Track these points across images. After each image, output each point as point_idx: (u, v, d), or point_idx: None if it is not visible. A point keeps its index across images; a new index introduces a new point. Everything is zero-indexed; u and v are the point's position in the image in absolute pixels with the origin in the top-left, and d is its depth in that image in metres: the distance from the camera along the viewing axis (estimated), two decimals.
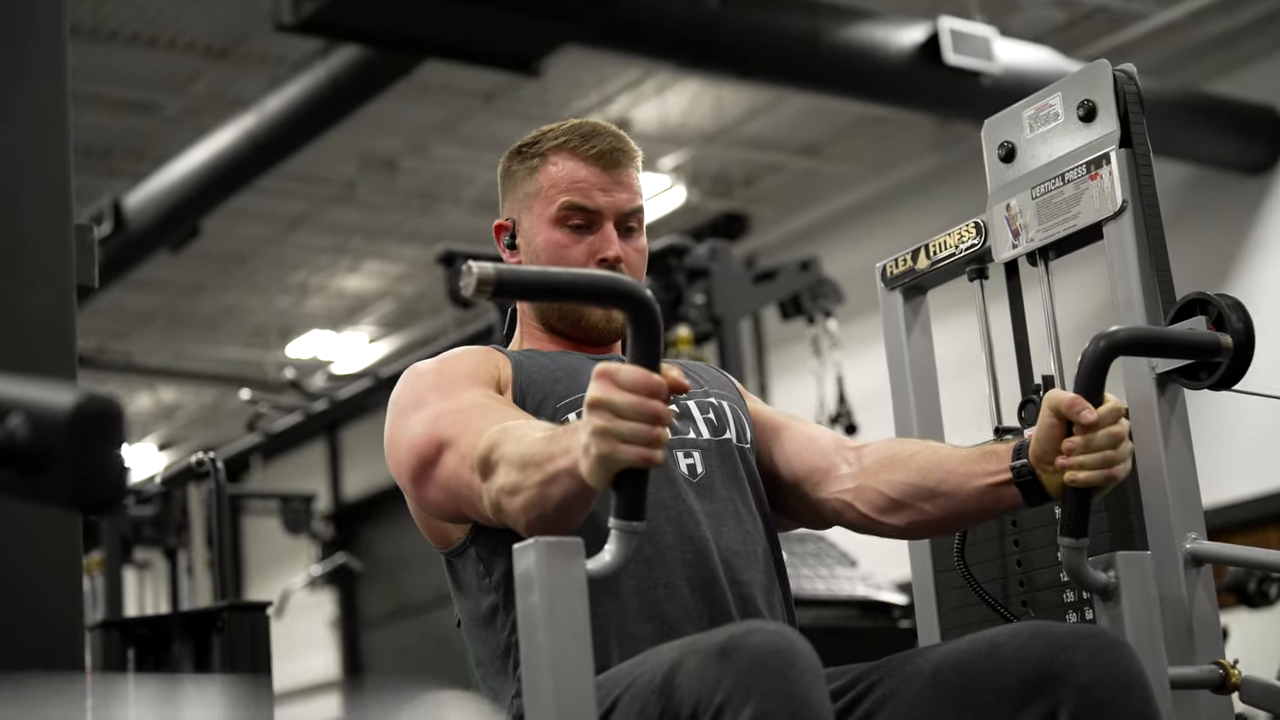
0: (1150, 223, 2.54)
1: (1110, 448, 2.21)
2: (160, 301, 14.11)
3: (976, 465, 2.38)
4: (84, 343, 13.46)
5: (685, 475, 2.43)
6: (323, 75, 8.85)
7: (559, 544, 1.89)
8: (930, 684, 2.18)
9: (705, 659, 1.92)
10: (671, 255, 6.78)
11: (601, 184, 2.55)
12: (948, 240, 2.83)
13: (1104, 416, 2.22)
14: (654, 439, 1.91)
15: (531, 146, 2.60)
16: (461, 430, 2.26)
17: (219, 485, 3.72)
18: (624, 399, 1.91)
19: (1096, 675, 2.07)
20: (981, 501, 2.38)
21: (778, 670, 1.87)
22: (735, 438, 2.53)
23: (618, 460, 1.91)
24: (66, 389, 1.32)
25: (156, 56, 10.05)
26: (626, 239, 2.57)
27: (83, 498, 1.31)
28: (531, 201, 2.57)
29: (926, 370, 2.91)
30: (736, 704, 1.86)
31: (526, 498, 2.09)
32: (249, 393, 9.24)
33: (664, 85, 10.90)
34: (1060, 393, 2.26)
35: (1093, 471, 2.21)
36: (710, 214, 12.87)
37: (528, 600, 1.88)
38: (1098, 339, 2.25)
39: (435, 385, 2.40)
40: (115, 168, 11.18)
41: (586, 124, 2.59)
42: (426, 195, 12.34)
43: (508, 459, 2.13)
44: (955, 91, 8.68)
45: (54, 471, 1.31)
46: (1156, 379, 2.51)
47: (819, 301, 7.28)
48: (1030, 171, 2.70)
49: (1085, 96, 2.63)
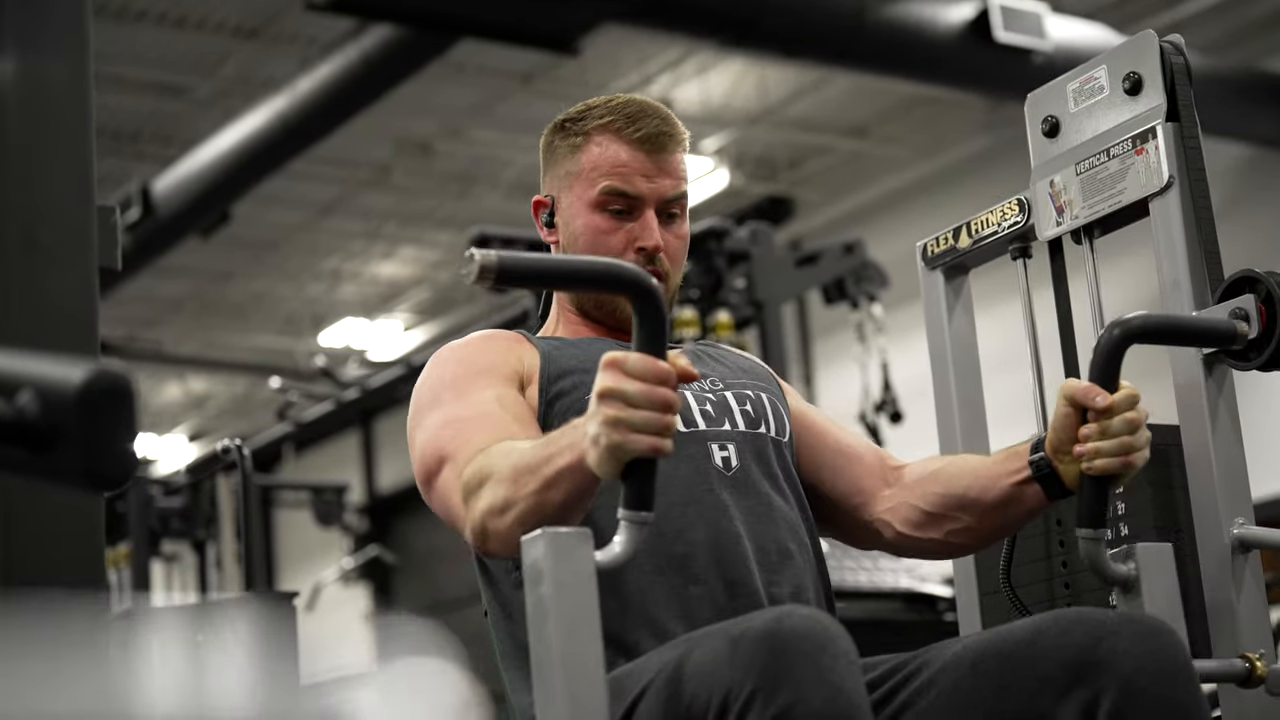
0: (1198, 199, 2.53)
1: (1127, 433, 2.22)
2: (190, 289, 14.16)
3: (1000, 467, 2.42)
4: (113, 331, 13.56)
5: (719, 468, 2.42)
6: (355, 56, 8.86)
7: (567, 534, 1.91)
8: (970, 672, 2.18)
9: (738, 645, 1.92)
10: (711, 238, 6.78)
11: (645, 169, 2.52)
12: (990, 218, 2.82)
13: (1119, 402, 2.23)
14: (665, 426, 1.94)
15: (576, 123, 2.58)
16: (461, 444, 2.29)
17: (245, 473, 3.74)
18: (635, 387, 1.94)
19: (1139, 663, 2.06)
20: (1008, 503, 2.41)
21: (811, 656, 1.87)
22: (774, 431, 2.52)
23: (629, 449, 1.94)
24: (76, 364, 1.33)
25: (185, 37, 10.09)
26: (668, 225, 2.55)
27: (92, 475, 1.32)
28: (572, 181, 2.56)
29: (968, 352, 2.90)
30: (769, 690, 1.86)
31: (521, 510, 2.12)
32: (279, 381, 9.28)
33: (706, 65, 10.88)
34: (1074, 381, 2.28)
35: (1110, 459, 2.22)
36: (754, 197, 12.86)
37: (536, 591, 1.90)
38: (1112, 326, 2.26)
39: (453, 381, 2.41)
40: (143, 151, 11.23)
41: (634, 103, 2.56)
42: (463, 179, 12.35)
43: (497, 475, 2.16)
44: (1006, 70, 8.65)
45: (63, 448, 1.31)
46: (1204, 359, 2.50)
47: (863, 285, 7.27)
48: (1074, 147, 2.69)
49: (1131, 69, 2.62)
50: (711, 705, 1.92)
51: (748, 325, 6.95)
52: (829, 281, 7.28)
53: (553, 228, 2.60)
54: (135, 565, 6.37)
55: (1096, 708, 2.06)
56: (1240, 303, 2.46)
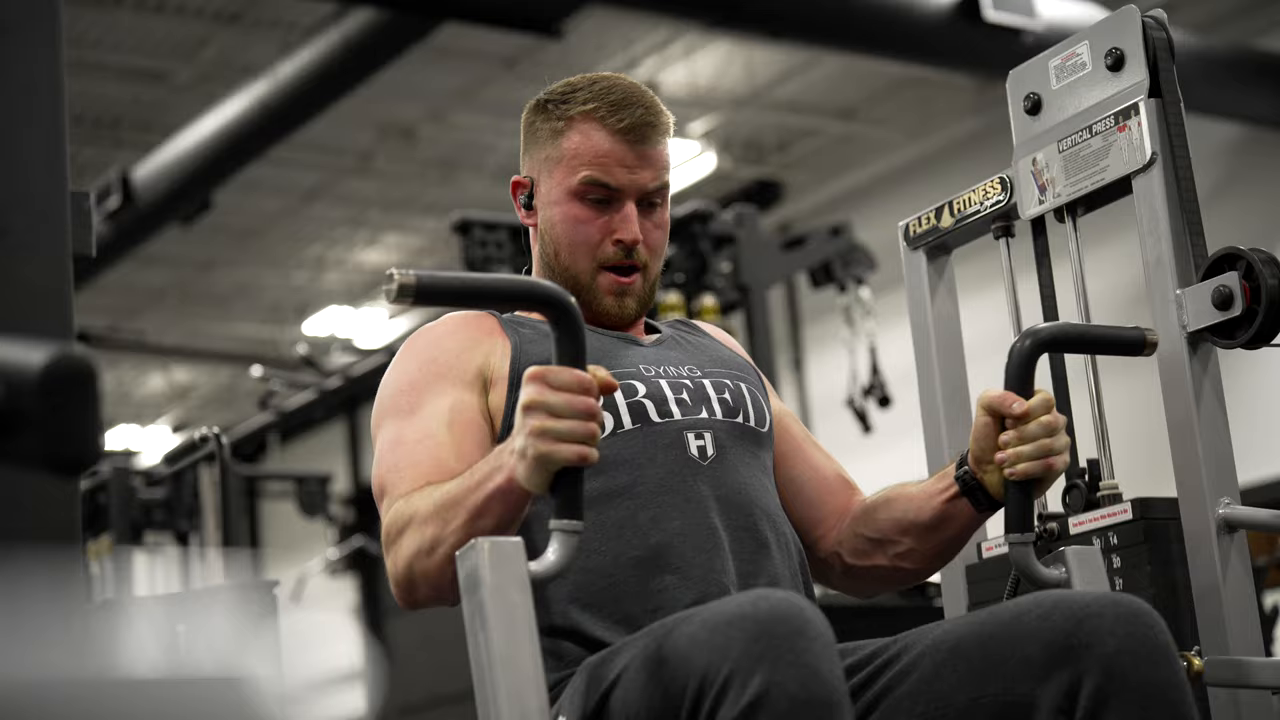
0: (1181, 176, 2.53)
1: (1045, 436, 2.29)
2: (172, 278, 14.15)
3: (932, 487, 2.47)
4: (94, 321, 13.54)
5: (695, 458, 2.41)
6: (337, 40, 8.85)
7: (502, 543, 1.99)
8: (951, 656, 2.19)
9: (713, 629, 1.92)
10: (696, 221, 6.77)
11: (626, 160, 2.51)
12: (972, 197, 2.82)
13: (1034, 407, 2.30)
14: (589, 434, 2.01)
15: (558, 105, 2.56)
16: (397, 480, 2.34)
17: (224, 462, 3.74)
18: (558, 398, 2.01)
19: (1121, 644, 2.06)
20: (942, 521, 2.46)
21: (786, 638, 1.87)
22: (753, 421, 2.52)
23: (556, 459, 2.01)
24: (38, 347, 1.32)
25: (164, 22, 10.07)
26: (648, 214, 2.55)
27: (55, 459, 1.32)
28: (552, 167, 2.55)
29: (952, 333, 2.91)
30: (744, 673, 1.86)
31: (451, 544, 2.15)
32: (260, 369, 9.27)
33: (692, 47, 10.88)
34: (990, 390, 2.34)
35: (1030, 462, 2.28)
36: (742, 181, 12.86)
37: (474, 598, 1.98)
38: (1023, 336, 2.32)
39: (411, 386, 2.45)
40: (123, 139, 11.22)
41: (618, 88, 2.55)
42: (446, 164, 12.35)
43: (419, 517, 2.23)
44: (995, 50, 8.63)
45: (26, 433, 1.31)
46: (1188, 337, 2.50)
47: (850, 269, 7.27)
48: (1057, 124, 2.70)
49: (1113, 45, 2.62)
50: (688, 689, 1.92)
51: (734, 309, 6.95)
52: (816, 265, 7.28)
53: (531, 210, 2.60)
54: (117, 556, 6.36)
55: (1079, 689, 2.06)
56: (1224, 280, 2.46)
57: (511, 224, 6.53)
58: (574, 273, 2.54)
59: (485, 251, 6.61)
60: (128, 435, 17.40)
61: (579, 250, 2.53)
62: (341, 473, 16.38)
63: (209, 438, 3.80)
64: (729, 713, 1.87)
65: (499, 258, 6.54)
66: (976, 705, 2.14)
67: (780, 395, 2.79)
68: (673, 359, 2.53)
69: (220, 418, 16.79)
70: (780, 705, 1.84)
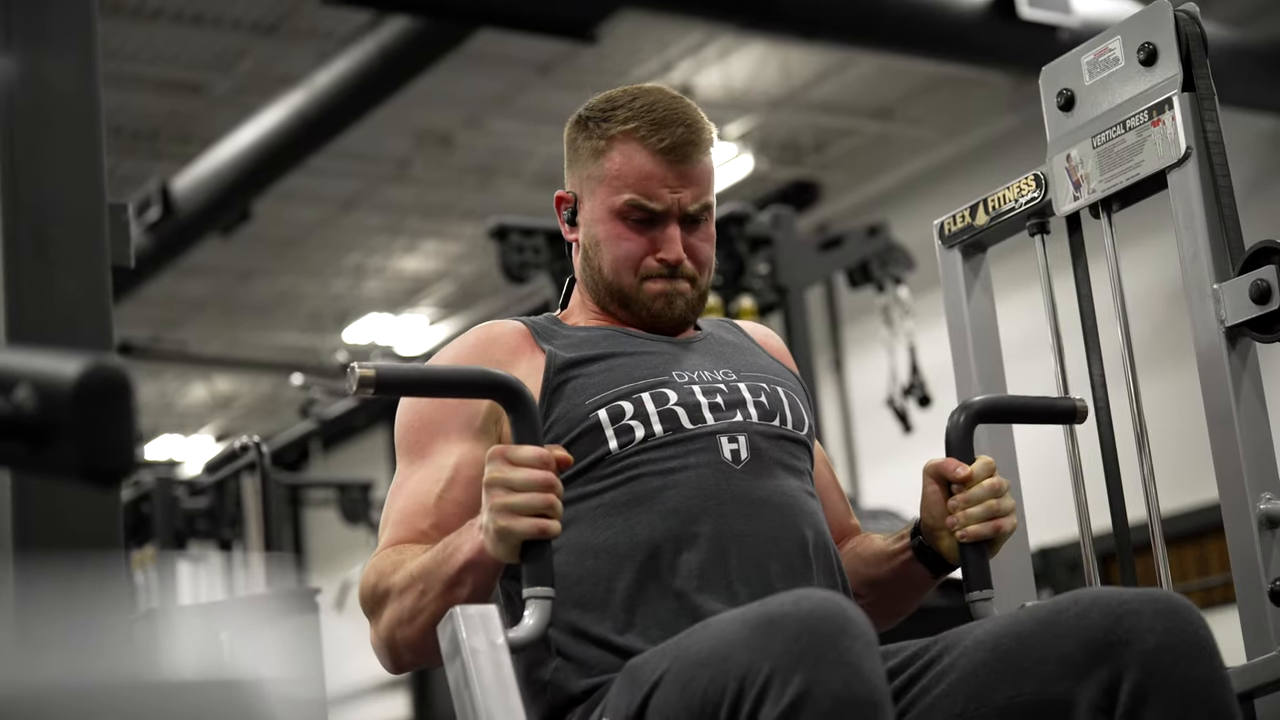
0: (1217, 170, 2.52)
1: (991, 497, 2.37)
2: (212, 288, 14.21)
3: (889, 547, 2.51)
4: (137, 332, 13.61)
5: (729, 462, 2.39)
6: (372, 49, 8.88)
7: (475, 613, 2.07)
8: (990, 655, 2.18)
9: (754, 628, 1.92)
10: (733, 224, 6.77)
11: (668, 180, 2.49)
12: (1007, 194, 2.81)
13: (977, 471, 2.39)
14: (546, 505, 2.09)
15: (599, 124, 2.53)
16: (382, 532, 2.40)
17: (264, 470, 3.75)
18: (517, 474, 2.09)
19: (1161, 640, 2.05)
20: (898, 582, 2.51)
21: (828, 637, 1.87)
22: (790, 425, 2.50)
23: (516, 532, 2.09)
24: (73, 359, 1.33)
25: (202, 35, 10.12)
26: (692, 230, 2.53)
27: (90, 470, 1.32)
28: (594, 186, 2.54)
29: (989, 331, 2.89)
30: (785, 673, 1.86)
31: (431, 613, 2.20)
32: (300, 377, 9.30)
33: (727, 49, 10.88)
34: (933, 459, 2.43)
35: (980, 524, 2.37)
36: (780, 182, 12.85)
37: (454, 664, 2.05)
38: (956, 412, 2.47)
39: (419, 427, 2.45)
40: (162, 150, 11.27)
41: (659, 105, 2.51)
42: (484, 171, 12.37)
43: (395, 588, 2.27)
44: (1031, 47, 8.58)
45: (60, 443, 1.32)
46: (1226, 332, 2.48)
47: (888, 268, 7.26)
48: (1090, 120, 2.68)
49: (1146, 39, 2.60)
50: (728, 690, 1.92)
51: (772, 311, 6.95)
52: (854, 265, 7.28)
53: (574, 226, 2.59)
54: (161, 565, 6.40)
55: (1118, 686, 2.05)
56: (1261, 274, 2.45)
57: (549, 229, 6.53)
58: (619, 285, 2.53)
59: (522, 257, 6.61)
60: (171, 445, 17.47)
61: (622, 267, 2.52)
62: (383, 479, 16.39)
63: (249, 446, 3.82)
64: (771, 712, 1.86)
65: (536, 263, 6.54)
66: (1014, 704, 2.14)
67: (820, 396, 2.79)
68: (708, 363, 2.51)
69: (263, 426, 16.85)
70: (823, 705, 1.84)
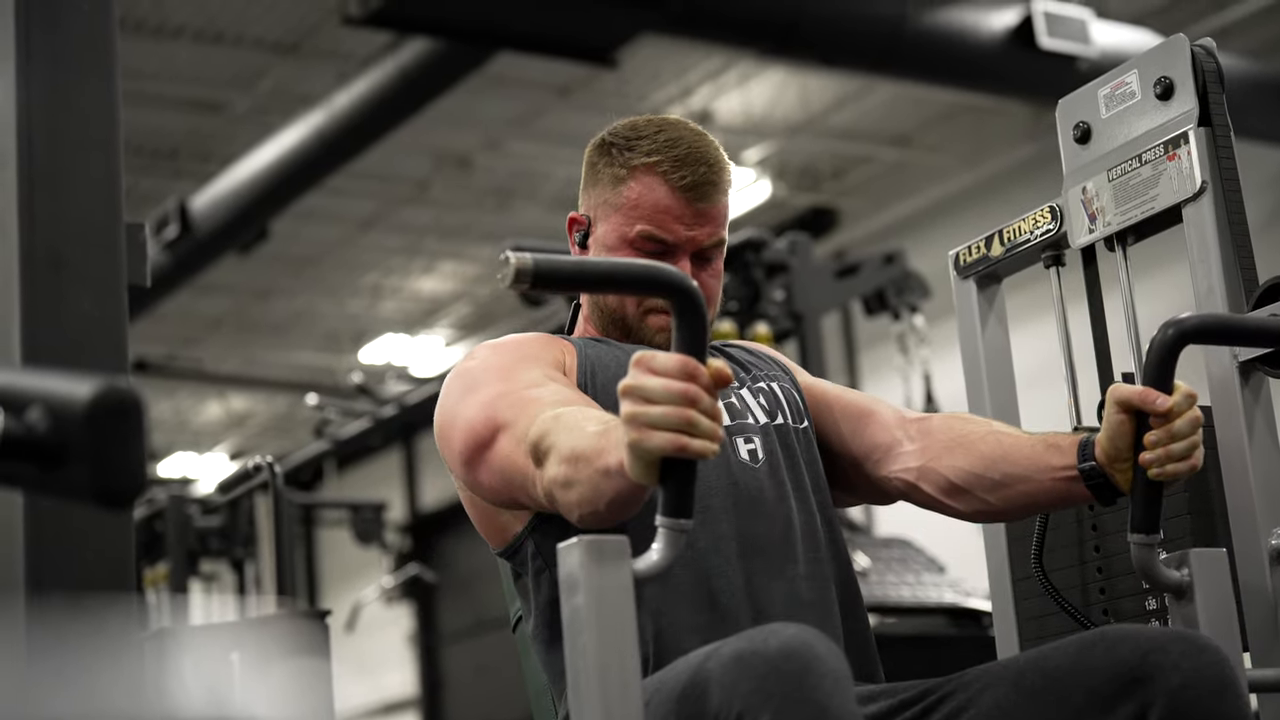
0: (1231, 204, 2.52)
1: (1194, 433, 2.22)
2: (229, 306, 14.24)
3: (1043, 459, 2.39)
4: (153, 350, 13.64)
5: (746, 461, 2.45)
6: (392, 70, 8.91)
7: (604, 543, 1.87)
8: (1013, 690, 2.17)
9: (726, 666, 1.92)
10: (749, 250, 6.77)
11: (684, 217, 2.51)
12: (1022, 226, 2.82)
13: (1179, 403, 2.21)
14: (685, 422, 1.87)
15: (622, 152, 2.55)
16: (518, 413, 2.25)
17: (277, 490, 3.76)
18: (654, 382, 1.88)
19: (1187, 678, 2.05)
20: (1050, 496, 2.40)
21: (795, 675, 1.86)
22: (791, 419, 2.55)
23: (648, 448, 1.88)
24: (85, 380, 1.34)
25: (222, 53, 10.15)
26: (702, 266, 2.55)
27: (101, 491, 1.33)
28: (610, 212, 2.55)
29: (1003, 362, 2.90)
30: (755, 711, 1.85)
31: (580, 493, 2.07)
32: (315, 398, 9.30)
33: (747, 75, 10.89)
34: (1126, 386, 2.25)
35: (1180, 462, 2.21)
36: (797, 209, 12.86)
37: (572, 602, 1.87)
38: (1166, 326, 2.22)
39: (494, 368, 2.39)
40: (182, 169, 11.30)
41: (683, 141, 2.53)
42: (502, 193, 12.39)
43: (558, 451, 2.11)
44: (1050, 77, 8.59)
45: (72, 464, 1.33)
46: (1239, 367, 2.49)
47: (904, 296, 7.26)
48: (1106, 153, 2.69)
49: (1162, 73, 2.61)
50: None
51: (787, 338, 6.94)
52: (869, 292, 7.27)
53: (585, 249, 2.60)
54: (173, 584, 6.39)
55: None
56: (1275, 309, 2.45)
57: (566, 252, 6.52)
58: (621, 314, 2.55)
59: None
60: (185, 463, 17.50)
61: (628, 297, 2.54)
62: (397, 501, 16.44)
63: (262, 466, 3.82)
64: None
65: None
66: None
67: None
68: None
69: (277, 445, 16.87)
70: None
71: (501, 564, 2.57)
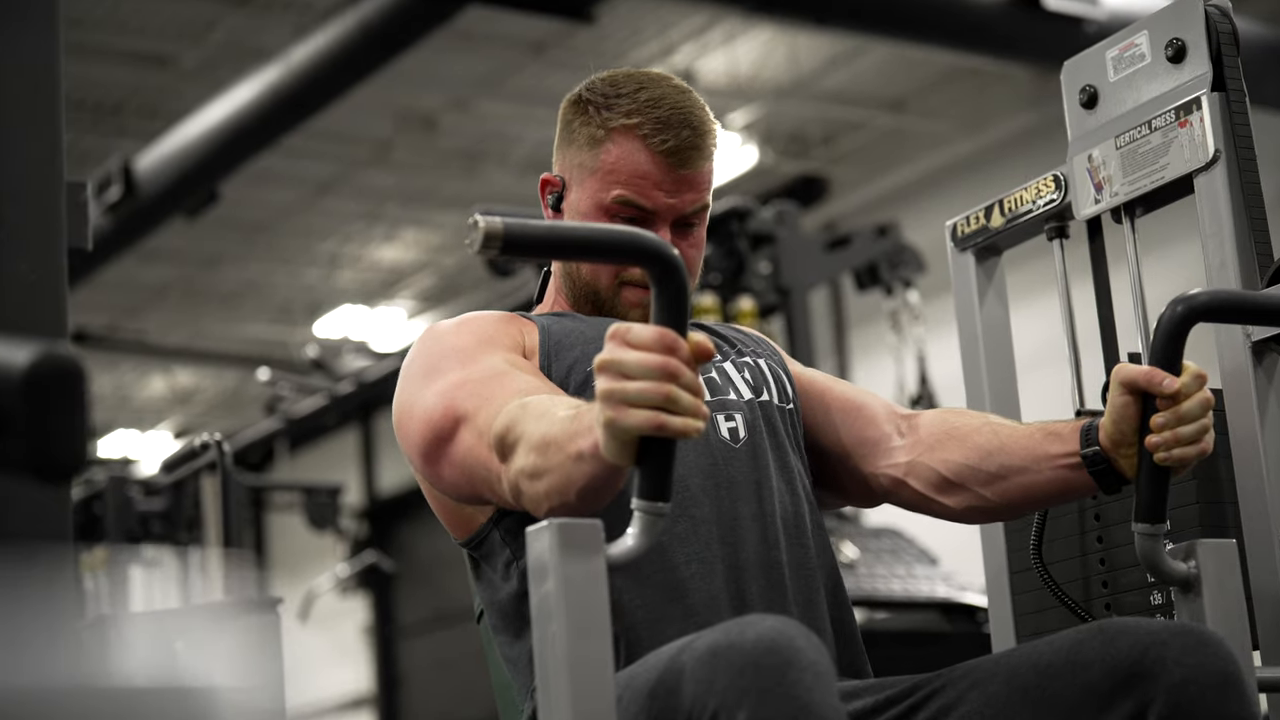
0: (1246, 175, 2.53)
1: (1204, 415, 2.21)
2: (175, 274, 14.20)
3: (1042, 448, 2.39)
4: (93, 319, 13.60)
5: (727, 440, 2.44)
6: (353, 23, 8.86)
7: (576, 526, 1.87)
8: (1005, 687, 2.18)
9: (700, 660, 1.92)
10: (733, 219, 6.77)
11: (665, 183, 2.50)
12: (1024, 196, 2.83)
13: (1188, 384, 2.21)
14: (664, 398, 1.86)
15: (599, 111, 2.53)
16: (480, 403, 2.24)
17: (225, 470, 3.76)
18: (632, 356, 1.87)
19: (1189, 674, 2.06)
20: (1050, 488, 2.40)
21: (774, 670, 1.86)
22: (776, 398, 2.54)
23: (625, 426, 1.87)
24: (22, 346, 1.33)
25: (170, 3, 10.12)
26: (683, 235, 2.54)
27: (39, 465, 1.33)
28: (585, 175, 2.54)
29: (1002, 339, 2.91)
30: (731, 708, 1.86)
31: (550, 482, 2.07)
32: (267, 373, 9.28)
33: (733, 33, 10.88)
34: (1131, 366, 2.25)
35: (1189, 446, 2.21)
36: (785, 176, 12.86)
37: (542, 589, 1.87)
38: (1175, 303, 2.22)
39: (453, 350, 2.39)
40: (125, 126, 11.26)
41: (665, 102, 2.51)
42: (469, 156, 12.37)
43: (527, 440, 2.11)
44: (1055, 40, 8.58)
45: (8, 436, 1.32)
46: (1252, 347, 2.50)
47: (898, 271, 7.26)
48: (1114, 119, 2.70)
49: (1174, 35, 2.62)
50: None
51: (773, 313, 6.94)
52: (861, 266, 7.28)
53: (559, 212, 2.59)
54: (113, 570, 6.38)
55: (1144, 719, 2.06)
56: None
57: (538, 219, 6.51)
58: (595, 287, 2.55)
59: None
60: (126, 441, 17.47)
61: (602, 268, 2.54)
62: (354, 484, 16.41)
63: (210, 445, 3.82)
64: None
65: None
66: None
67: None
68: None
69: (225, 424, 16.84)
70: None
71: (465, 554, 2.57)
